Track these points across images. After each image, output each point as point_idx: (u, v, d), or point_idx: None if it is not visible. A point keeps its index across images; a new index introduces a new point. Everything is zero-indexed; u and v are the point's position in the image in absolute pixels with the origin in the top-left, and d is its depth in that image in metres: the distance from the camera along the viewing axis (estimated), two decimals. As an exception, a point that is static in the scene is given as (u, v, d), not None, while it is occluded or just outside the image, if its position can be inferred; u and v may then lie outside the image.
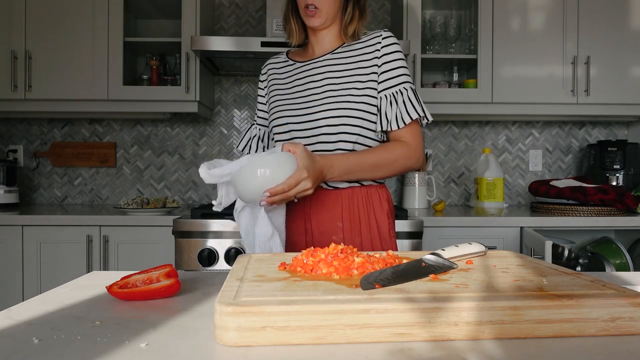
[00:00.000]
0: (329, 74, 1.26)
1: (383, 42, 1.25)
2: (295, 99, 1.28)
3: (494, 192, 2.33)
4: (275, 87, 1.35)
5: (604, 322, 0.53)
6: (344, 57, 1.28)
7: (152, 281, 0.69)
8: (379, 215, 1.25)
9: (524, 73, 2.41)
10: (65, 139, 2.74)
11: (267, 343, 0.49)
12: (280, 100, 1.31)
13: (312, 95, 1.25)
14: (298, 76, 1.31)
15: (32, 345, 0.50)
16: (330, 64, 1.27)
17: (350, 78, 1.24)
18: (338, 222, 1.21)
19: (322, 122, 1.22)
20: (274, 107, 1.31)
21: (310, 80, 1.28)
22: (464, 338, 0.51)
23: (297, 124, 1.25)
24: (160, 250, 2.08)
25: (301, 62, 1.32)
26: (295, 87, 1.29)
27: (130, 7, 2.51)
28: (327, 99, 1.23)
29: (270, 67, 1.39)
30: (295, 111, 1.26)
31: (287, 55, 1.39)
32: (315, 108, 1.23)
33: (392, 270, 0.65)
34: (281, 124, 1.28)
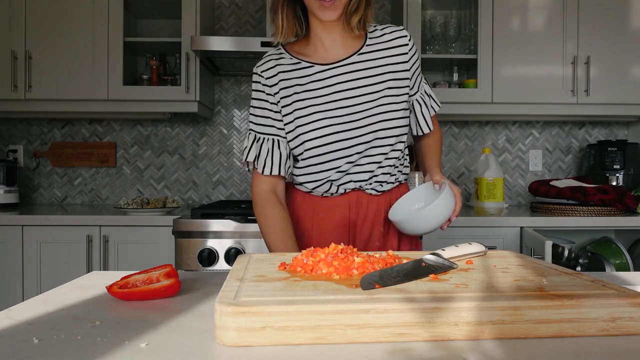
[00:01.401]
0: (364, 81, 1.18)
1: (410, 43, 1.23)
2: (334, 109, 1.17)
3: (494, 192, 2.33)
4: (295, 94, 1.19)
5: (604, 322, 0.53)
6: (373, 58, 1.21)
7: (152, 281, 0.69)
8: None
9: (524, 73, 2.41)
10: (65, 139, 2.74)
11: (267, 343, 0.49)
12: (310, 108, 1.18)
13: (356, 105, 1.17)
14: (326, 82, 1.18)
15: (32, 345, 0.50)
16: (361, 68, 1.19)
17: (387, 83, 1.19)
18: (380, 227, 1.20)
19: (372, 136, 1.16)
20: (304, 117, 1.18)
21: (345, 87, 1.18)
22: (464, 338, 0.51)
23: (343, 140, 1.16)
24: (160, 250, 2.08)
25: (322, 65, 1.20)
26: (328, 95, 1.17)
27: (130, 7, 2.51)
28: (376, 108, 1.17)
29: (278, 69, 1.21)
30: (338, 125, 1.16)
31: (289, 54, 1.23)
32: (364, 120, 1.16)
33: (392, 270, 0.65)
34: (321, 136, 1.16)
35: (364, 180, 1.19)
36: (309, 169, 1.20)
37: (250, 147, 1.23)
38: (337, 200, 1.21)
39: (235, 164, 2.77)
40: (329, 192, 1.20)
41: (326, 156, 1.17)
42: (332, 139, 1.17)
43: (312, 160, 1.19)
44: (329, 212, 1.21)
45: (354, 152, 1.16)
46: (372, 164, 1.18)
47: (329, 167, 1.18)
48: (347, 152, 1.16)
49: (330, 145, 1.17)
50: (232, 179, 2.76)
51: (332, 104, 1.17)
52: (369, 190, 1.20)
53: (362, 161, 1.18)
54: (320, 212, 1.21)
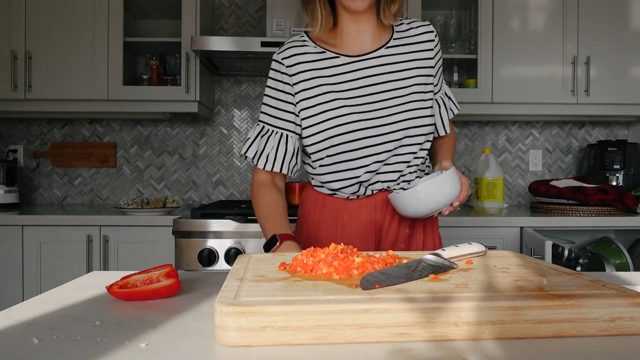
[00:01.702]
0: (392, 75, 1.13)
1: (436, 40, 1.19)
2: (363, 104, 1.11)
3: (494, 192, 2.32)
4: (319, 86, 1.13)
5: (604, 322, 0.53)
6: (401, 52, 1.16)
7: (152, 281, 0.69)
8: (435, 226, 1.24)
9: (524, 73, 2.41)
10: (65, 139, 2.74)
11: (267, 343, 0.49)
12: (338, 102, 1.11)
13: (385, 101, 1.11)
14: (354, 75, 1.13)
15: (32, 345, 0.50)
16: (389, 62, 1.14)
17: (416, 79, 1.14)
18: (407, 230, 1.16)
19: (402, 134, 1.11)
20: (331, 111, 1.11)
21: (374, 82, 1.12)
22: (464, 338, 0.51)
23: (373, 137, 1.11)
24: (160, 250, 2.08)
25: (349, 57, 1.14)
26: (356, 88, 1.12)
27: (130, 7, 2.51)
28: (406, 105, 1.12)
29: (300, 59, 1.14)
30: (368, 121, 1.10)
31: (314, 42, 1.16)
32: (394, 117, 1.11)
33: (392, 270, 0.65)
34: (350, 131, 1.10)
35: (392, 180, 1.14)
36: (335, 167, 1.13)
37: (253, 141, 1.17)
38: (363, 202, 1.15)
39: (235, 163, 2.77)
40: (356, 193, 1.15)
41: (355, 153, 1.11)
42: (361, 134, 1.10)
43: (339, 158, 1.12)
44: (355, 214, 1.15)
45: (384, 150, 1.11)
46: (401, 164, 1.13)
47: (358, 165, 1.12)
48: (377, 150, 1.11)
49: (360, 142, 1.10)
50: (232, 179, 2.76)
51: (361, 98, 1.11)
52: (396, 190, 1.15)
53: (392, 160, 1.12)
54: (344, 215, 1.15)
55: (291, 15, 2.35)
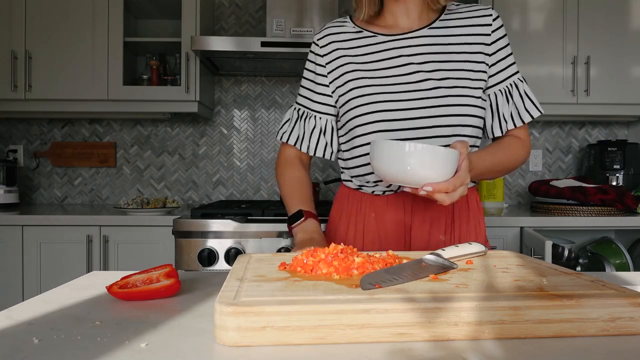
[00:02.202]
0: (433, 57, 1.02)
1: (494, 24, 1.05)
2: (391, 85, 1.01)
3: (494, 192, 2.32)
4: (348, 64, 1.06)
5: (604, 322, 0.53)
6: (446, 34, 1.05)
7: (152, 281, 0.69)
8: (479, 220, 1.10)
9: (524, 73, 2.40)
10: (65, 139, 2.74)
11: (267, 343, 0.49)
12: (364, 81, 1.03)
13: (417, 82, 1.01)
14: (386, 54, 1.04)
15: (32, 345, 0.50)
16: (431, 43, 1.04)
17: (461, 65, 1.02)
18: (441, 235, 1.05)
19: (436, 121, 1.00)
20: (354, 92, 1.04)
21: (407, 62, 1.02)
22: (464, 338, 0.51)
23: (396, 121, 1.00)
24: (160, 250, 2.08)
25: (387, 35, 1.06)
26: (385, 69, 1.03)
27: (130, 7, 2.51)
28: (441, 90, 1.00)
29: (333, 38, 1.09)
30: (391, 102, 1.00)
31: (354, 23, 1.10)
32: (425, 101, 1.00)
33: (392, 270, 0.65)
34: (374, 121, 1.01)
35: None
36: (358, 151, 1.05)
37: (293, 126, 1.13)
38: (390, 199, 1.06)
39: (235, 163, 2.77)
40: (382, 188, 1.05)
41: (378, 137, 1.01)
42: (386, 117, 1.00)
43: (362, 140, 1.03)
44: (381, 213, 1.06)
45: (412, 138, 1.00)
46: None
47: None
48: (404, 137, 1.00)
49: (383, 124, 1.00)
50: (232, 179, 2.76)
51: (391, 78, 1.02)
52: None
53: None
54: (371, 212, 1.07)
55: (291, 15, 2.35)
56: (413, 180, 0.84)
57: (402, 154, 0.82)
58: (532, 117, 1.06)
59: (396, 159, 0.83)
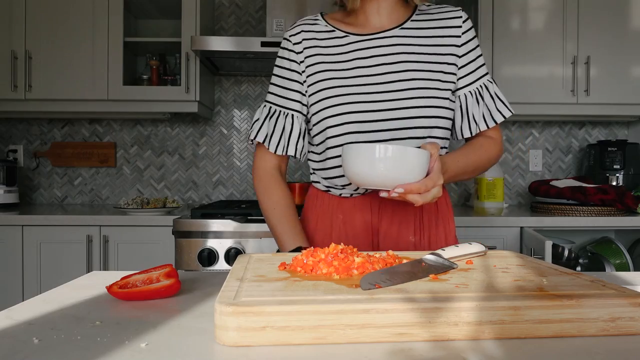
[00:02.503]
0: (404, 57, 1.02)
1: (464, 26, 1.06)
2: (360, 85, 1.01)
3: (494, 192, 2.32)
4: (320, 64, 1.05)
5: (604, 322, 0.53)
6: (418, 35, 1.05)
7: (152, 281, 0.69)
8: (448, 221, 1.10)
9: (524, 73, 2.41)
10: (65, 139, 2.74)
11: (267, 343, 0.49)
12: (335, 81, 1.03)
13: (388, 83, 1.01)
14: (358, 54, 1.03)
15: (32, 345, 0.50)
16: (403, 43, 1.04)
17: (433, 66, 1.02)
18: (410, 237, 1.04)
19: (406, 123, 0.99)
20: (324, 92, 1.03)
21: (379, 62, 1.02)
22: (464, 338, 0.51)
23: (368, 122, 1.00)
24: (160, 250, 2.08)
25: (358, 35, 1.06)
26: (357, 68, 1.02)
27: (130, 7, 2.51)
28: (413, 91, 1.00)
29: (306, 36, 1.08)
30: (363, 104, 1.00)
31: (326, 21, 1.09)
32: (397, 102, 0.99)
33: (392, 270, 0.65)
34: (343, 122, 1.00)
35: None
36: (328, 153, 1.04)
37: (262, 123, 1.09)
38: (357, 201, 1.06)
39: (235, 163, 2.77)
40: (349, 189, 1.05)
41: (347, 137, 1.01)
42: (354, 118, 0.99)
43: (332, 142, 1.03)
44: (349, 215, 1.06)
45: (380, 139, 1.00)
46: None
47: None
48: (371, 138, 1.00)
49: (351, 126, 1.00)
50: (232, 179, 2.76)
51: (361, 79, 1.02)
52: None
53: None
54: (339, 213, 1.07)
55: (291, 16, 2.35)
56: (384, 183, 0.84)
57: (372, 156, 0.82)
58: (504, 117, 1.07)
59: (367, 161, 0.82)
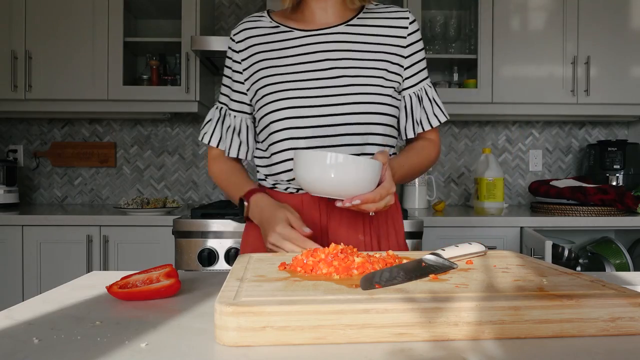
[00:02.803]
0: (349, 54, 1.02)
1: (410, 27, 1.06)
2: (304, 81, 1.01)
3: (494, 192, 2.32)
4: (263, 61, 1.04)
5: (604, 322, 0.52)
6: (363, 33, 1.05)
7: (152, 281, 0.69)
8: (397, 220, 1.10)
9: (524, 73, 2.41)
10: (65, 139, 2.74)
11: (267, 343, 0.49)
12: (277, 78, 1.02)
13: (330, 79, 1.00)
14: (303, 49, 1.03)
15: (32, 345, 0.50)
16: (348, 40, 1.03)
17: (377, 63, 1.03)
18: (359, 236, 1.03)
19: (349, 118, 0.99)
20: (268, 88, 1.02)
21: (324, 57, 1.02)
22: (464, 338, 0.51)
23: (311, 117, 0.99)
24: (160, 250, 2.08)
25: (304, 30, 1.05)
26: (302, 63, 1.02)
27: (130, 7, 2.51)
28: (354, 87, 1.00)
29: (249, 34, 1.07)
30: (306, 99, 0.99)
31: (271, 18, 1.09)
32: (339, 98, 0.99)
33: (392, 270, 0.65)
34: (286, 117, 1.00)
35: None
36: (274, 147, 1.03)
37: (215, 126, 1.11)
38: (304, 198, 1.03)
39: (235, 164, 2.77)
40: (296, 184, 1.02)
41: (293, 132, 1.00)
42: (300, 113, 0.99)
43: (277, 137, 1.01)
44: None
45: (323, 134, 0.99)
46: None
47: (297, 147, 0.99)
48: (317, 133, 0.99)
49: (298, 121, 0.99)
50: (232, 179, 2.76)
51: (306, 74, 1.01)
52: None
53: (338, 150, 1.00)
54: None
55: (291, 15, 2.35)
56: (336, 192, 0.84)
57: (324, 165, 0.82)
58: (440, 122, 1.09)
59: (319, 170, 0.83)
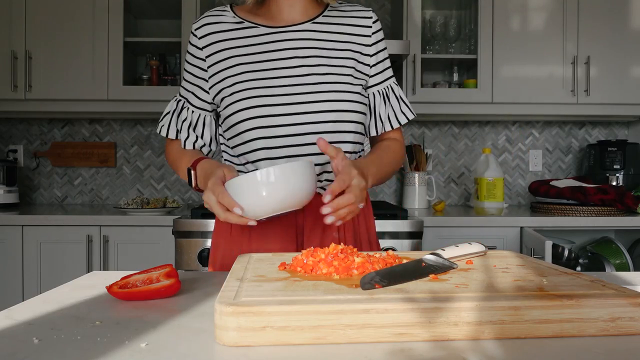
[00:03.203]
0: (317, 52, 1.02)
1: (374, 26, 1.08)
2: (272, 78, 0.99)
3: (494, 192, 2.33)
4: (229, 59, 1.02)
5: (604, 322, 0.53)
6: (329, 30, 1.05)
7: (152, 281, 0.69)
8: (368, 217, 1.11)
9: (524, 73, 2.41)
10: (65, 139, 2.74)
11: (267, 343, 0.49)
12: (244, 76, 1.00)
13: (301, 77, 0.99)
14: (270, 46, 1.01)
15: (32, 345, 0.50)
16: (315, 38, 1.03)
17: (345, 61, 1.03)
18: (334, 233, 1.03)
19: (321, 116, 0.98)
20: (235, 87, 1.00)
21: (292, 55, 1.01)
22: (464, 338, 0.51)
23: (280, 116, 0.97)
24: (160, 250, 2.08)
25: (270, 27, 1.03)
26: (269, 61, 1.00)
27: (130, 7, 2.51)
28: (325, 85, 0.99)
29: (212, 29, 1.04)
30: (274, 97, 0.98)
31: (234, 13, 1.06)
32: (309, 95, 0.98)
33: (392, 270, 0.65)
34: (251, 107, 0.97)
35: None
36: (244, 148, 1.00)
37: (171, 118, 1.08)
38: None
39: (235, 164, 2.77)
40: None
41: (263, 131, 0.98)
42: (269, 112, 0.97)
43: (247, 136, 0.99)
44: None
45: (295, 132, 0.98)
46: (319, 156, 0.99)
47: (268, 146, 0.98)
48: (288, 132, 0.97)
49: (267, 120, 0.97)
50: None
51: (274, 71, 0.99)
52: (318, 189, 1.01)
53: (305, 150, 0.99)
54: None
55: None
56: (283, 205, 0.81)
57: (256, 184, 0.79)
58: (408, 119, 1.09)
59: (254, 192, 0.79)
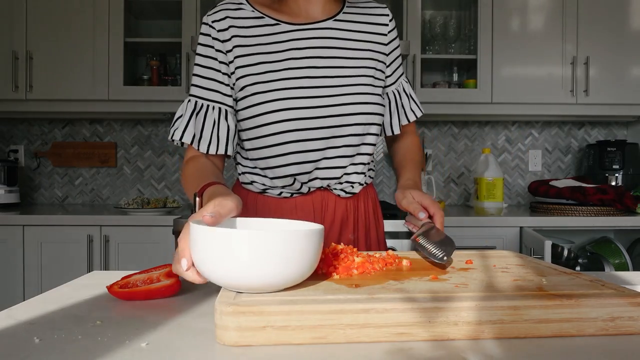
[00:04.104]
0: (340, 52, 0.99)
1: (390, 24, 1.06)
2: (298, 79, 0.95)
3: (493, 192, 2.33)
4: (250, 56, 0.96)
5: (603, 322, 0.53)
6: (350, 29, 1.01)
7: (153, 281, 0.69)
8: (380, 220, 1.12)
9: (523, 73, 2.41)
10: (66, 139, 2.74)
11: (267, 343, 0.50)
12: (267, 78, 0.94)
13: (325, 78, 0.96)
14: (293, 44, 0.96)
15: (32, 344, 0.50)
16: (337, 37, 1.00)
17: (366, 62, 1.00)
18: (350, 235, 1.03)
19: (348, 119, 0.96)
20: (258, 86, 0.94)
21: (315, 54, 0.96)
22: (463, 338, 0.51)
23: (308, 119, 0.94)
24: (161, 250, 2.08)
25: (291, 24, 0.98)
26: (291, 60, 0.95)
27: (130, 8, 2.51)
28: (351, 87, 0.97)
29: (232, 23, 0.97)
30: (301, 99, 0.94)
31: (251, 6, 0.99)
32: (338, 98, 0.95)
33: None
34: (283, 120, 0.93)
35: (334, 178, 0.98)
36: (266, 152, 0.96)
37: (187, 122, 0.95)
38: (298, 201, 1.00)
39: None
40: (290, 189, 0.99)
41: (286, 136, 0.94)
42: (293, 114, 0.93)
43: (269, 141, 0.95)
44: (290, 217, 0.97)
45: (319, 136, 0.95)
46: (343, 158, 0.97)
47: (289, 151, 0.94)
48: (311, 135, 0.94)
49: (291, 123, 0.93)
50: (232, 179, 2.76)
51: (297, 71, 0.95)
52: (337, 191, 1.01)
53: (330, 153, 0.96)
54: (276, 216, 0.97)
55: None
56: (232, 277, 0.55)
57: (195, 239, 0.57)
58: (416, 116, 1.11)
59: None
